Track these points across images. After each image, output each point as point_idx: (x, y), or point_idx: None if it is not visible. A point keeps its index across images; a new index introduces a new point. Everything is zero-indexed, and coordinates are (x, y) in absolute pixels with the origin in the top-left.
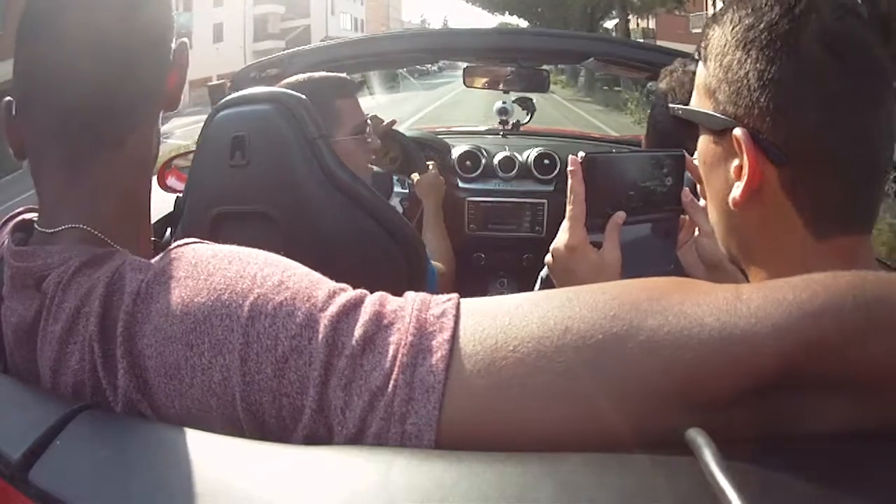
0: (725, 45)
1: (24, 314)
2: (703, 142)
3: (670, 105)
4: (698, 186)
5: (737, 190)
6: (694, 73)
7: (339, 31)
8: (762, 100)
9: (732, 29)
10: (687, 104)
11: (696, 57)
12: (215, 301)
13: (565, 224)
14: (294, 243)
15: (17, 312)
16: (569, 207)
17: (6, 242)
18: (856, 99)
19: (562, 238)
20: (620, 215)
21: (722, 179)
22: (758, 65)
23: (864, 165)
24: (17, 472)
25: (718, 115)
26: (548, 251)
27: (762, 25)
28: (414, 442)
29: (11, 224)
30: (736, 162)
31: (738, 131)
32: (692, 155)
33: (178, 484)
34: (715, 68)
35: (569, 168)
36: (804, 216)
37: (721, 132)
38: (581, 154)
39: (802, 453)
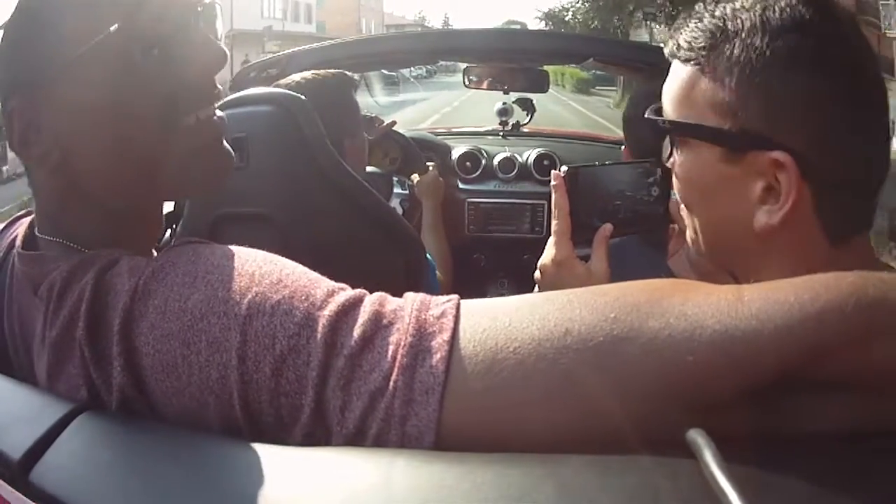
0: (759, 60)
1: (26, 317)
2: (702, 160)
3: (652, 117)
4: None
5: (769, 215)
6: None
7: (257, 23)
8: (807, 123)
9: (770, 43)
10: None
11: (688, 64)
12: (213, 298)
13: (552, 239)
14: (294, 245)
15: (21, 314)
16: (554, 222)
17: (17, 242)
18: (880, 121)
19: (549, 253)
20: (607, 228)
21: (730, 201)
22: (806, 86)
23: (882, 179)
24: (18, 473)
25: (743, 134)
26: None
27: (811, 45)
28: (414, 444)
29: (25, 224)
30: (761, 184)
31: (780, 154)
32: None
33: (179, 485)
34: (739, 84)
35: (552, 183)
36: (826, 230)
37: (739, 152)
38: (563, 168)
39: (802, 453)
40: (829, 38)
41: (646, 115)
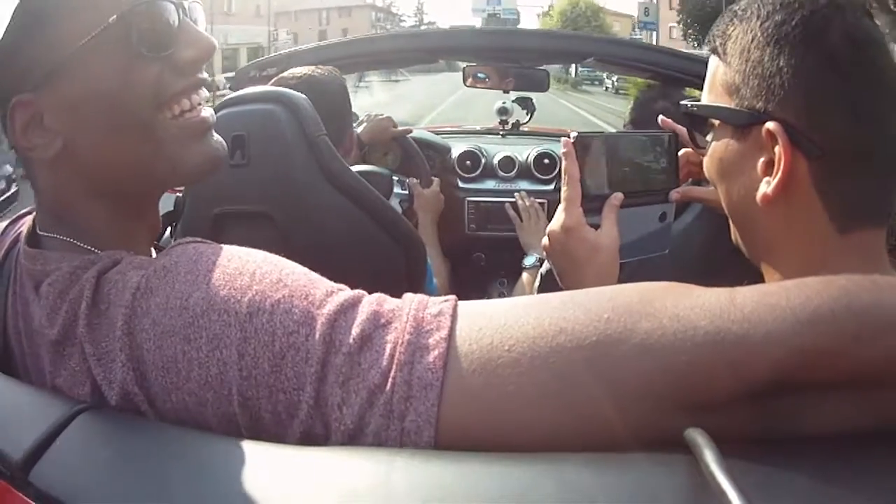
0: (753, 41)
1: (28, 313)
2: (719, 140)
3: (683, 103)
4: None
5: (767, 185)
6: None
7: None
8: (796, 95)
9: (761, 25)
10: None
11: (712, 53)
12: (214, 296)
13: (561, 206)
14: (294, 243)
15: (24, 310)
16: (563, 189)
17: (21, 239)
18: (882, 96)
19: (558, 220)
20: (618, 196)
21: (743, 177)
22: (791, 60)
23: (890, 161)
24: (19, 473)
25: (744, 111)
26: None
27: (794, 21)
28: (413, 439)
29: (28, 221)
30: (763, 158)
31: (771, 125)
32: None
33: (179, 485)
34: (740, 64)
35: (562, 150)
36: (830, 211)
37: (745, 128)
38: (574, 134)
39: (802, 453)
40: (815, 16)
41: (680, 103)
